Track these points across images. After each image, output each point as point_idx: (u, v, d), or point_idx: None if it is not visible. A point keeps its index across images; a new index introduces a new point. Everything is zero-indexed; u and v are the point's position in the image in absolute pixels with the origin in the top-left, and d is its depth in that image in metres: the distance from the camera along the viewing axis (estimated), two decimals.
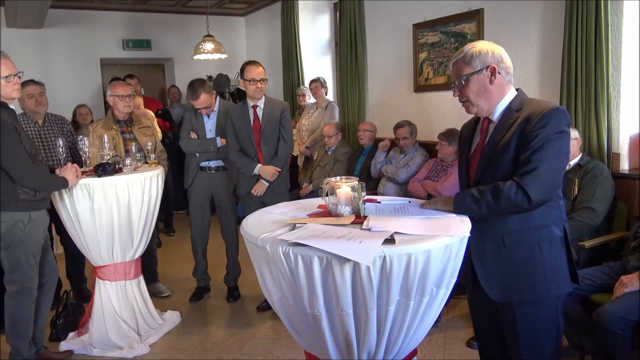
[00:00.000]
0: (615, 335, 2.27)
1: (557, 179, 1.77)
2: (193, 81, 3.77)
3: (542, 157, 1.70)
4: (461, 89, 1.87)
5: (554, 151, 1.72)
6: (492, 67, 1.82)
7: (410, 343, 1.75)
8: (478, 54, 1.83)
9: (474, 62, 1.83)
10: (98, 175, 2.94)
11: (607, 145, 3.23)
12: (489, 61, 1.83)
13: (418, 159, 4.29)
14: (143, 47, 7.20)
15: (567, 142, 1.78)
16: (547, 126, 1.71)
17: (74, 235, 3.10)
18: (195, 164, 3.85)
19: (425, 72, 4.67)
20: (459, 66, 1.87)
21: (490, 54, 1.83)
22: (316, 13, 6.50)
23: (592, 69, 3.18)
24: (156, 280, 4.08)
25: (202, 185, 3.86)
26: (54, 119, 3.76)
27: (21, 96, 3.52)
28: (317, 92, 5.50)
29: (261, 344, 3.22)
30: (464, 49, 1.88)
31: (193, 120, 3.84)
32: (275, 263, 1.59)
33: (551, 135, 1.71)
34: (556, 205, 1.85)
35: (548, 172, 1.71)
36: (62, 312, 3.37)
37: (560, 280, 1.87)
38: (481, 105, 1.87)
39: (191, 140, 3.81)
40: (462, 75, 1.85)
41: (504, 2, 3.87)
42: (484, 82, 1.83)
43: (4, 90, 2.61)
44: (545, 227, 1.83)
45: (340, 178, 1.94)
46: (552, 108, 1.74)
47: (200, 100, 3.70)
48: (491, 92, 1.84)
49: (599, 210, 2.94)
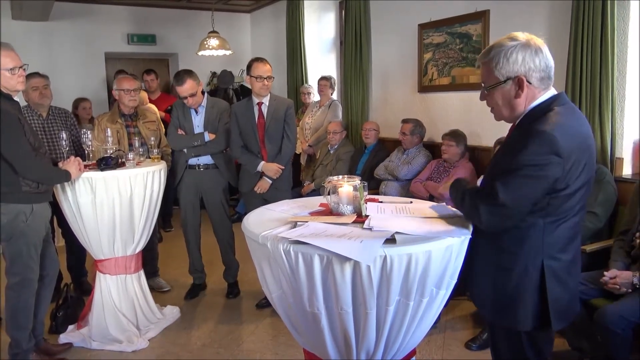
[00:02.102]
0: (616, 334, 2.28)
1: (515, 212, 1.60)
2: (179, 70, 3.73)
3: (507, 187, 1.57)
4: (485, 96, 1.72)
5: (525, 182, 1.56)
6: (520, 79, 1.62)
7: (409, 343, 1.75)
8: (506, 61, 1.61)
9: (500, 71, 1.63)
10: (101, 169, 2.94)
11: (610, 150, 3.23)
12: (517, 70, 1.61)
13: (421, 158, 4.28)
14: (148, 42, 7.20)
15: (543, 174, 1.55)
16: (526, 151, 1.55)
17: (75, 228, 3.11)
18: (183, 161, 3.78)
19: (429, 72, 4.66)
20: (484, 71, 1.69)
21: (520, 60, 1.60)
22: (322, 11, 6.50)
23: (597, 72, 3.17)
24: (156, 275, 4.09)
25: (191, 183, 3.80)
26: (58, 112, 3.77)
27: (25, 88, 3.53)
28: (324, 91, 5.50)
29: (260, 341, 3.22)
30: (494, 47, 1.65)
31: (180, 117, 3.77)
32: (276, 260, 1.59)
33: (527, 165, 1.55)
34: (534, 236, 1.65)
35: (507, 203, 1.56)
36: (62, 305, 3.38)
37: (526, 314, 1.69)
38: (505, 116, 1.71)
39: (178, 136, 3.75)
40: (486, 84, 1.69)
41: (510, 4, 3.86)
42: (509, 94, 1.65)
43: (9, 83, 2.61)
44: (516, 255, 1.67)
45: (342, 177, 1.94)
46: (538, 131, 1.55)
47: (185, 86, 3.60)
48: (517, 104, 1.66)
49: (601, 214, 2.94)
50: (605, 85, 3.15)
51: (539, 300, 1.67)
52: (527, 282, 1.67)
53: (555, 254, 1.67)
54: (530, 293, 1.68)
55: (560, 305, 1.69)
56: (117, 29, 6.99)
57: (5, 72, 2.58)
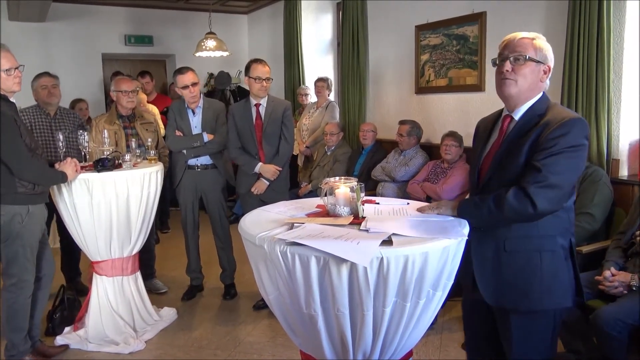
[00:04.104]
0: (612, 337, 2.27)
1: (567, 192, 1.73)
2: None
3: (556, 169, 1.66)
4: (515, 66, 1.78)
5: (570, 165, 1.69)
6: (549, 67, 1.81)
7: (406, 344, 1.75)
8: (547, 49, 1.80)
9: (540, 53, 1.78)
10: (97, 171, 2.94)
11: (606, 151, 3.24)
12: (549, 61, 1.81)
13: (418, 159, 4.28)
14: (145, 42, 7.20)
15: (584, 156, 1.74)
16: (567, 136, 1.67)
17: (72, 230, 3.10)
18: (182, 162, 3.78)
19: (426, 73, 4.67)
20: (526, 44, 1.78)
21: (551, 57, 1.81)
22: (319, 12, 6.50)
23: (593, 74, 3.19)
24: (153, 277, 4.08)
25: (190, 184, 3.81)
26: (66, 112, 3.84)
27: (35, 88, 3.68)
28: (321, 92, 5.50)
29: (257, 342, 3.22)
30: (531, 34, 1.81)
31: (178, 119, 3.77)
32: (273, 262, 1.59)
33: (568, 147, 1.67)
34: (565, 217, 1.80)
35: (560, 184, 1.68)
36: (59, 307, 3.37)
37: (557, 294, 1.81)
38: (521, 92, 1.79)
39: (177, 138, 3.76)
40: (525, 54, 1.76)
41: (507, 6, 3.87)
42: (540, 75, 1.80)
43: (5, 84, 2.61)
44: (550, 237, 1.79)
45: (339, 178, 1.94)
46: (573, 117, 1.71)
47: (188, 75, 3.63)
48: (535, 87, 1.80)
49: (597, 215, 2.95)
50: (602, 86, 3.16)
51: (571, 276, 1.84)
52: (563, 261, 1.82)
53: (573, 231, 1.87)
54: (564, 270, 1.83)
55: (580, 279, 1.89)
56: (114, 29, 6.98)
57: (2, 73, 2.58)
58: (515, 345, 1.86)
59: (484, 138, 1.95)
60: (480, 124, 2.05)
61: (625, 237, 2.69)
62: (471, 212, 1.77)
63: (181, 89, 3.69)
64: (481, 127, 2.03)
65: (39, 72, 3.72)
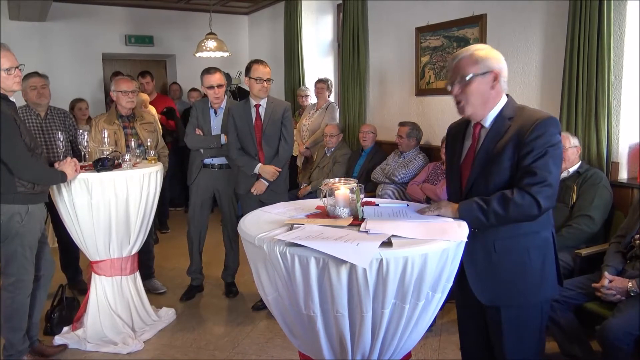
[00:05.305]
0: (620, 350, 2.27)
1: (557, 187, 1.82)
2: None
3: (548, 168, 1.75)
4: (462, 88, 1.85)
5: (556, 162, 1.78)
6: (496, 73, 1.83)
7: (404, 346, 1.75)
8: (485, 57, 1.83)
9: (481, 64, 1.82)
10: (97, 170, 2.94)
11: (606, 154, 3.24)
12: (494, 67, 1.83)
13: (418, 161, 4.28)
14: (145, 43, 7.20)
15: (561, 151, 1.85)
16: (544, 136, 1.76)
17: (71, 229, 3.10)
18: (199, 160, 3.83)
19: (427, 75, 4.67)
20: (463, 64, 1.84)
21: (495, 60, 1.84)
22: (319, 13, 6.51)
23: (594, 77, 3.19)
24: (152, 277, 4.08)
25: (205, 183, 3.85)
26: (57, 112, 3.78)
27: (24, 88, 3.57)
28: (321, 93, 5.50)
29: (255, 343, 3.22)
30: (470, 49, 1.87)
31: (200, 117, 3.83)
32: (272, 263, 1.59)
33: (549, 146, 1.76)
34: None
35: (554, 182, 1.77)
36: (57, 306, 3.36)
37: (547, 285, 1.91)
38: (477, 109, 1.88)
39: (196, 136, 3.81)
40: (466, 74, 1.83)
41: (507, 8, 3.87)
42: (486, 85, 1.84)
43: (5, 83, 2.60)
44: (534, 234, 1.87)
45: (339, 180, 1.94)
46: (545, 118, 1.78)
47: (216, 75, 3.74)
48: (489, 97, 1.86)
49: (596, 218, 2.95)
50: (602, 89, 3.16)
51: (554, 267, 1.92)
52: (549, 253, 1.91)
53: (552, 222, 1.95)
54: (550, 263, 1.91)
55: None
56: (115, 29, 6.98)
57: (2, 72, 2.58)
58: (507, 337, 1.91)
59: (458, 142, 2.02)
60: (451, 129, 2.11)
61: (625, 241, 2.69)
62: (474, 214, 1.79)
63: (206, 89, 3.75)
64: (452, 131, 2.10)
65: (28, 72, 3.59)
